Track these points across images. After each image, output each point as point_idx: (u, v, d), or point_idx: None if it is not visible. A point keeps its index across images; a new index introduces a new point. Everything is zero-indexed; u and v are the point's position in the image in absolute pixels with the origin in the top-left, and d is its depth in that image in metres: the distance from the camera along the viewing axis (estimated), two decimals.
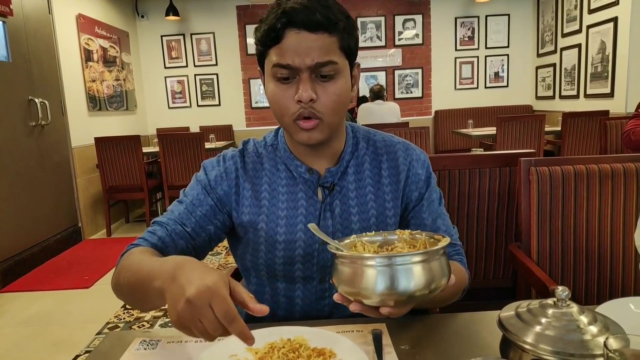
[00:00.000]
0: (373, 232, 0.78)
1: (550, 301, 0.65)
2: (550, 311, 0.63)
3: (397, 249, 0.74)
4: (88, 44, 4.71)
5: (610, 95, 4.48)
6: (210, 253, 3.63)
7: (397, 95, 6.27)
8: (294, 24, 0.78)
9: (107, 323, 2.56)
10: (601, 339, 0.56)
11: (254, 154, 0.95)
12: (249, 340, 0.59)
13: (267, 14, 0.81)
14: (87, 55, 4.68)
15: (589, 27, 4.80)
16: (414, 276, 0.64)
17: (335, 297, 0.70)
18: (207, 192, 0.92)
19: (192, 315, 0.58)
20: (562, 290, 0.64)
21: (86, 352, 2.26)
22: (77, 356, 2.23)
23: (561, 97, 5.48)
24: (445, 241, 0.69)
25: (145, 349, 0.76)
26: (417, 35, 6.16)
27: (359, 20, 6.11)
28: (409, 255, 0.64)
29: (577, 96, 5.11)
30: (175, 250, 0.88)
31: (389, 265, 0.64)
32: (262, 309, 0.61)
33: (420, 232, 0.76)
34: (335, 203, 0.92)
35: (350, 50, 0.84)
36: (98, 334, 2.45)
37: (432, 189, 0.97)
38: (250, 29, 6.00)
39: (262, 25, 0.82)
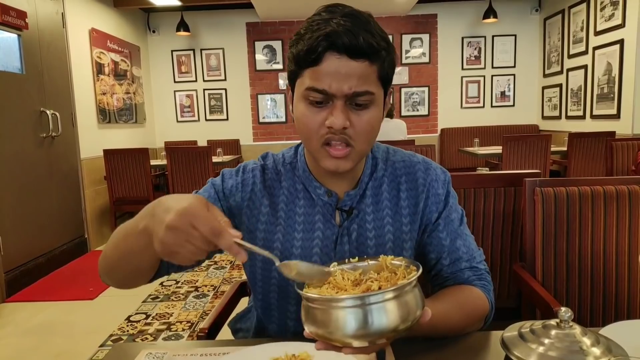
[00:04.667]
0: (357, 257, 0.74)
1: (553, 322, 0.66)
2: (553, 332, 0.64)
3: (372, 286, 0.66)
4: (100, 58, 4.79)
5: (617, 116, 4.48)
6: (214, 267, 3.65)
7: (404, 113, 6.31)
8: (336, 48, 0.73)
9: (111, 335, 2.56)
10: None
11: (273, 170, 0.92)
12: (239, 254, 0.61)
13: (304, 30, 0.76)
14: (99, 69, 4.76)
15: (595, 48, 4.83)
16: (373, 318, 0.59)
17: (306, 334, 0.64)
18: (219, 199, 0.89)
19: (176, 240, 0.59)
20: (565, 312, 0.65)
21: None
22: None
23: (567, 117, 5.50)
24: (414, 274, 0.64)
25: None
26: (423, 54, 6.22)
27: None
28: (366, 297, 0.59)
29: (583, 117, 5.12)
30: None
31: (356, 306, 0.59)
32: (237, 234, 0.61)
33: (402, 258, 0.70)
34: (353, 227, 0.88)
35: (387, 79, 0.80)
36: (101, 345, 2.45)
37: (450, 207, 0.91)
38: (260, 45, 6.09)
39: (299, 42, 0.76)
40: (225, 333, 1.11)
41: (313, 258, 0.87)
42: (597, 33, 4.79)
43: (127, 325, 2.68)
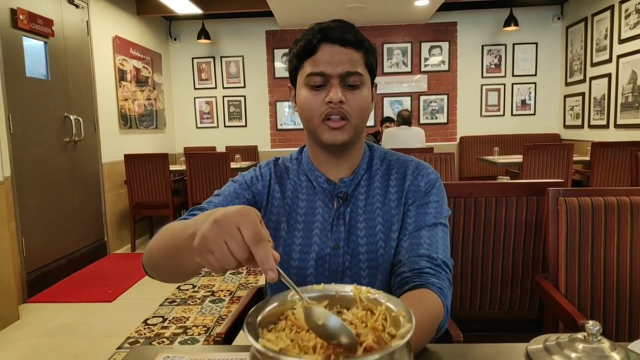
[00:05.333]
0: (322, 285, 0.63)
1: (580, 335, 0.63)
2: (580, 346, 0.62)
3: (347, 317, 0.57)
4: (122, 65, 4.88)
5: None
6: (230, 272, 3.66)
7: (422, 121, 6.27)
8: (329, 39, 0.90)
9: (128, 338, 2.59)
10: None
11: (282, 165, 1.06)
12: (271, 271, 0.55)
13: (302, 35, 0.94)
14: (121, 75, 4.85)
15: (619, 56, 4.74)
16: None
17: None
18: (244, 189, 1.01)
19: (218, 236, 0.57)
20: (592, 325, 0.62)
21: None
22: None
23: (590, 126, 5.39)
24: (408, 330, 0.51)
25: None
26: (443, 61, 6.18)
27: (386, 46, 6.17)
28: None
29: (607, 126, 5.02)
30: None
31: None
32: (276, 254, 0.57)
33: (381, 292, 0.60)
34: (347, 212, 0.98)
35: (372, 68, 0.96)
36: (119, 348, 2.47)
37: (429, 204, 0.97)
38: (279, 53, 6.13)
39: (298, 42, 0.94)
40: (241, 338, 1.10)
41: (313, 239, 0.97)
42: (621, 41, 4.70)
43: (145, 329, 2.70)
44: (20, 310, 2.94)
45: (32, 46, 3.48)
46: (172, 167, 4.87)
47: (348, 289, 0.62)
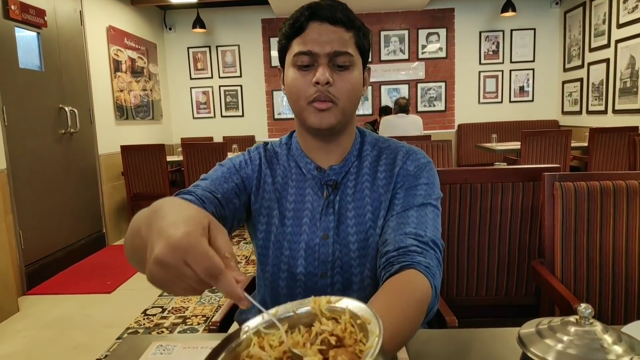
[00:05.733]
0: (275, 309, 0.56)
1: (572, 319, 0.63)
2: (572, 329, 0.61)
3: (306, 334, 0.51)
4: (117, 55, 4.84)
5: None
6: None
7: (420, 109, 6.25)
8: (317, 17, 0.87)
9: (128, 328, 2.59)
10: None
11: (272, 150, 1.03)
12: (241, 301, 0.49)
13: (292, 14, 0.90)
14: (116, 66, 4.81)
15: (617, 41, 4.71)
16: None
17: None
18: (232, 173, 0.97)
19: (166, 276, 0.48)
20: (585, 308, 0.62)
21: (105, 356, 2.29)
22: None
23: (588, 112, 5.37)
24: (375, 334, 0.45)
25: (161, 353, 0.77)
26: (440, 48, 6.14)
27: (383, 33, 6.13)
28: None
29: (605, 111, 5.00)
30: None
31: None
32: (240, 277, 0.49)
33: (341, 298, 0.53)
34: (336, 200, 0.95)
35: (364, 49, 0.92)
36: (118, 338, 2.48)
37: (419, 186, 0.92)
38: (275, 41, 6.08)
39: (286, 22, 0.90)
40: (236, 326, 1.10)
41: (302, 227, 0.95)
42: (619, 26, 4.66)
43: (144, 319, 2.71)
44: (19, 303, 2.95)
45: (25, 37, 3.45)
46: (169, 158, 4.85)
47: (306, 305, 0.55)
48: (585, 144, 4.32)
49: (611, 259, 1.26)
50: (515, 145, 4.61)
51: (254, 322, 0.54)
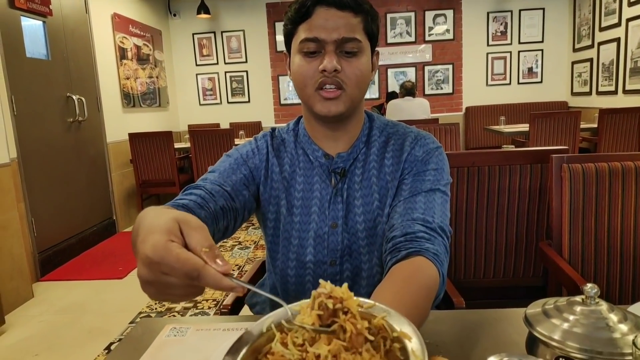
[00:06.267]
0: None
1: (578, 298, 0.64)
2: (578, 308, 0.62)
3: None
4: (123, 43, 4.84)
5: None
6: (238, 247, 3.70)
7: (427, 92, 6.20)
8: (324, 2, 0.84)
9: (140, 313, 2.64)
10: (631, 338, 0.55)
11: (279, 137, 1.01)
12: (234, 290, 0.48)
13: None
14: (122, 54, 4.81)
15: (628, 20, 4.62)
16: None
17: None
18: (239, 164, 0.95)
19: (157, 290, 0.49)
20: (590, 288, 0.63)
21: (119, 339, 2.34)
22: (111, 343, 2.31)
23: (598, 93, 5.30)
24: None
25: (175, 335, 0.79)
26: (447, 30, 6.07)
27: (389, 15, 6.06)
28: None
29: (615, 92, 4.93)
30: (215, 206, 0.84)
31: None
32: (223, 267, 0.47)
33: (373, 304, 0.49)
34: (344, 188, 0.94)
35: (372, 34, 0.89)
36: (131, 322, 2.53)
37: (427, 170, 0.91)
38: (280, 26, 6.03)
39: (292, 6, 0.87)
40: (246, 309, 1.12)
41: (312, 216, 0.94)
42: (630, 4, 4.57)
43: (156, 303, 2.76)
44: (34, 289, 3.01)
45: (31, 26, 3.45)
46: (177, 145, 4.87)
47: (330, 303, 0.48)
48: (595, 125, 4.27)
49: (619, 240, 1.26)
50: (524, 127, 4.58)
51: (276, 316, 0.50)
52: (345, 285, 0.48)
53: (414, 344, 0.43)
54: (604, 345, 0.56)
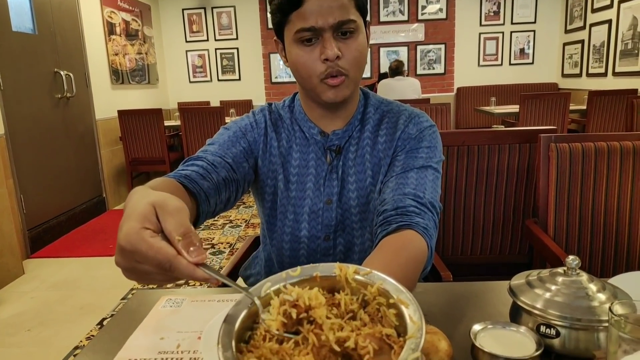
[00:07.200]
0: (299, 268, 0.51)
1: (560, 270, 0.67)
2: (560, 279, 0.65)
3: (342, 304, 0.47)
4: (111, 17, 4.74)
5: None
6: (230, 226, 3.72)
7: (419, 71, 6.18)
8: None
9: (132, 289, 2.67)
10: (608, 306, 0.58)
11: (276, 112, 1.01)
12: (208, 281, 0.46)
13: None
14: (110, 29, 4.72)
15: (620, 1, 4.63)
16: None
17: None
18: (238, 137, 0.95)
19: (136, 276, 0.49)
20: (572, 259, 0.66)
21: (112, 315, 2.37)
22: (104, 319, 2.33)
23: (588, 75, 5.34)
24: (417, 325, 0.41)
25: (170, 306, 0.81)
26: (440, 9, 6.02)
27: None
28: None
29: (605, 74, 4.97)
30: (218, 177, 0.85)
31: None
32: (196, 257, 0.46)
33: (370, 271, 0.49)
34: (339, 165, 0.95)
35: (364, 8, 0.89)
36: (123, 299, 2.55)
37: (420, 147, 0.92)
38: None
39: None
40: (241, 283, 1.14)
41: (306, 192, 0.96)
42: None
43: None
44: (24, 265, 3.01)
45: None
46: (167, 123, 4.84)
47: (330, 269, 0.50)
48: (584, 107, 4.31)
49: (602, 217, 1.30)
50: (514, 108, 4.60)
51: (274, 281, 0.51)
52: (315, 289, 0.46)
53: (411, 310, 0.43)
54: (583, 312, 0.59)
